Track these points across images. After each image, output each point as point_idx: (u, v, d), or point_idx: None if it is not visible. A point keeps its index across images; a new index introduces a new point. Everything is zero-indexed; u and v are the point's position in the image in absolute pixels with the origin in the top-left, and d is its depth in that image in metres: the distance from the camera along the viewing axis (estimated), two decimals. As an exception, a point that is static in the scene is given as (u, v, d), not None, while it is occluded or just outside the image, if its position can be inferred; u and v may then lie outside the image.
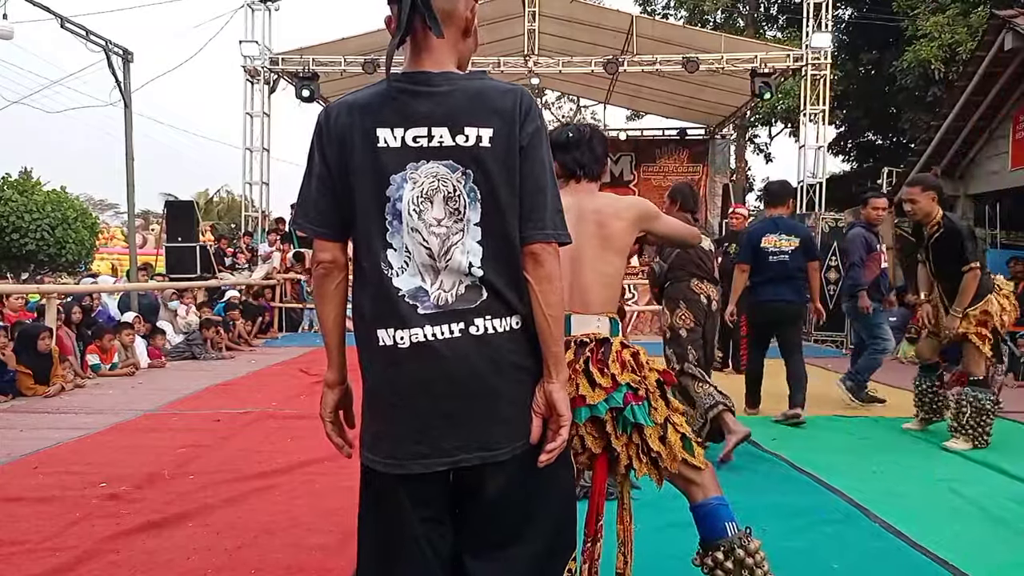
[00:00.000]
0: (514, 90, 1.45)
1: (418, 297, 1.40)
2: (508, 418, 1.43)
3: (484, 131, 1.40)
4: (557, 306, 1.42)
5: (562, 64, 12.79)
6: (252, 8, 13.55)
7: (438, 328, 1.39)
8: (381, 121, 1.41)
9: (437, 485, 1.45)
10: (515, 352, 1.43)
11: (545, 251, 1.41)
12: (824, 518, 3.11)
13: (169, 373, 7.45)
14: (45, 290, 7.79)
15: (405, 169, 1.40)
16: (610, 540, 2.91)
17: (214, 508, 3.21)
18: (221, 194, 34.13)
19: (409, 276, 1.41)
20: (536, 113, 1.44)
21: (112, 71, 9.84)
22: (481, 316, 1.40)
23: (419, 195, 1.39)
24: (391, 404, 1.43)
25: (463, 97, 1.41)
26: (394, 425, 1.43)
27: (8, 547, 2.75)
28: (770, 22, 20.50)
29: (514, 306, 1.43)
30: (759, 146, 22.57)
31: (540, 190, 1.42)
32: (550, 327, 1.42)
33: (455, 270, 1.40)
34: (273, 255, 12.19)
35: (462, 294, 1.41)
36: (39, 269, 21.17)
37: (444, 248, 1.40)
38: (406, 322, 1.40)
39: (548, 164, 1.44)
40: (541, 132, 1.44)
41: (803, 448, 4.29)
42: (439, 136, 1.39)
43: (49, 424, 4.94)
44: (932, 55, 12.30)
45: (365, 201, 1.42)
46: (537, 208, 1.41)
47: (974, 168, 9.76)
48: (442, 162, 1.40)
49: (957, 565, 2.63)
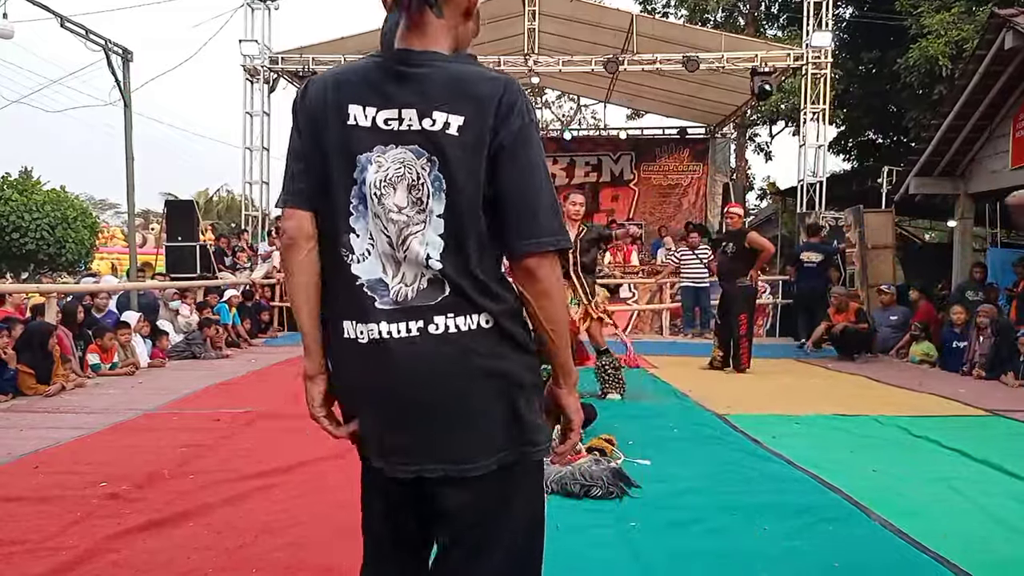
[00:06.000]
0: (499, 80, 1.32)
1: (377, 290, 1.32)
2: (481, 429, 1.32)
3: (454, 118, 1.29)
4: (560, 321, 1.34)
5: (562, 63, 12.78)
6: (252, 7, 13.55)
7: (394, 326, 1.30)
8: (355, 98, 1.34)
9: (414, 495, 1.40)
10: (484, 355, 1.31)
11: (540, 265, 1.29)
12: (824, 518, 3.10)
13: (169, 372, 7.45)
14: (45, 290, 7.80)
15: (372, 151, 1.32)
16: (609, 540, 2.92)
17: (214, 507, 3.21)
18: (221, 193, 34.15)
19: (370, 264, 1.33)
20: (523, 109, 1.30)
21: (112, 70, 9.83)
22: (442, 314, 1.30)
23: (383, 179, 1.31)
24: (355, 400, 1.39)
25: (440, 80, 1.31)
26: (360, 423, 1.40)
27: (8, 547, 2.74)
28: (771, 21, 20.48)
29: (479, 304, 1.31)
30: (759, 145, 22.57)
31: (528, 196, 1.30)
32: (554, 341, 1.34)
33: (414, 262, 1.31)
34: (273, 254, 12.19)
35: (423, 289, 1.31)
36: (39, 269, 21.16)
37: (401, 237, 1.31)
38: (365, 316, 1.32)
39: (538, 165, 1.31)
40: (529, 130, 1.31)
41: (803, 448, 4.29)
42: (408, 119, 1.30)
43: (49, 423, 4.94)
44: (939, 51, 12.27)
45: (333, 179, 1.35)
46: (525, 217, 1.29)
47: (974, 167, 9.75)
48: (408, 147, 1.31)
49: (957, 564, 2.62)
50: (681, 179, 16.77)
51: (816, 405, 5.63)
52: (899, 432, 4.80)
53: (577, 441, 1.44)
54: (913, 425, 4.92)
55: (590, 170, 16.96)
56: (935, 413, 5.50)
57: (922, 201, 11.06)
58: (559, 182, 16.71)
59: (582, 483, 3.37)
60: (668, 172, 16.82)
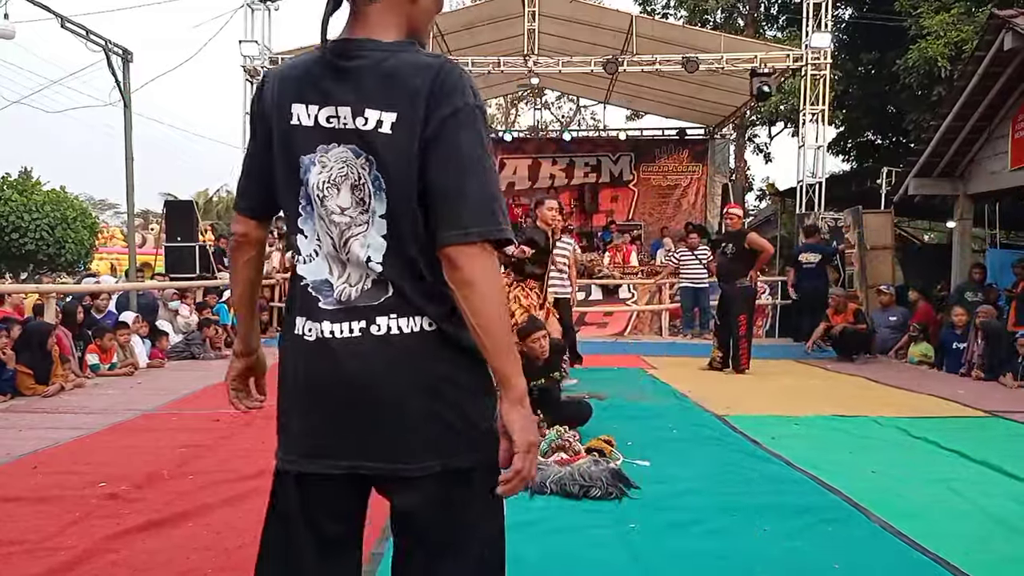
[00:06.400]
0: (431, 66, 1.23)
1: (321, 290, 1.30)
2: (423, 431, 1.27)
3: (387, 115, 1.22)
4: (487, 315, 1.20)
5: (562, 64, 12.78)
6: (252, 8, 13.54)
7: (337, 325, 1.28)
8: (297, 96, 1.28)
9: (346, 498, 1.35)
10: (427, 357, 1.27)
11: (462, 253, 1.20)
12: (824, 518, 3.11)
13: (168, 373, 7.45)
14: (44, 289, 7.80)
15: (315, 151, 1.27)
16: (609, 541, 2.91)
17: (214, 508, 3.21)
18: (221, 194, 34.11)
19: (317, 266, 1.31)
20: (459, 92, 1.22)
21: (112, 71, 9.84)
22: (384, 315, 1.26)
23: (326, 180, 1.27)
24: (295, 396, 1.36)
25: (374, 74, 1.24)
26: (295, 418, 1.36)
27: (7, 547, 2.74)
28: (770, 22, 20.48)
29: (421, 306, 1.27)
30: (759, 146, 22.55)
31: (455, 183, 1.21)
32: (482, 338, 1.22)
33: (356, 263, 1.28)
34: (272, 254, 12.18)
35: (367, 290, 1.28)
36: (38, 269, 21.16)
37: (343, 239, 1.28)
38: (311, 314, 1.31)
39: (469, 152, 1.22)
40: (461, 116, 1.22)
41: (802, 449, 4.29)
42: (344, 117, 1.25)
43: (48, 424, 4.93)
44: (939, 52, 12.27)
45: (281, 182, 1.33)
46: (450, 204, 1.21)
47: (974, 168, 9.76)
48: (349, 146, 1.25)
49: (957, 564, 2.62)
50: (680, 180, 16.78)
51: (815, 406, 5.63)
52: (898, 433, 4.80)
53: (524, 467, 1.21)
54: (912, 426, 4.92)
55: (589, 171, 16.96)
56: (934, 414, 5.51)
57: (921, 202, 11.06)
58: (559, 183, 16.73)
59: (581, 484, 3.37)
60: (667, 173, 16.82)
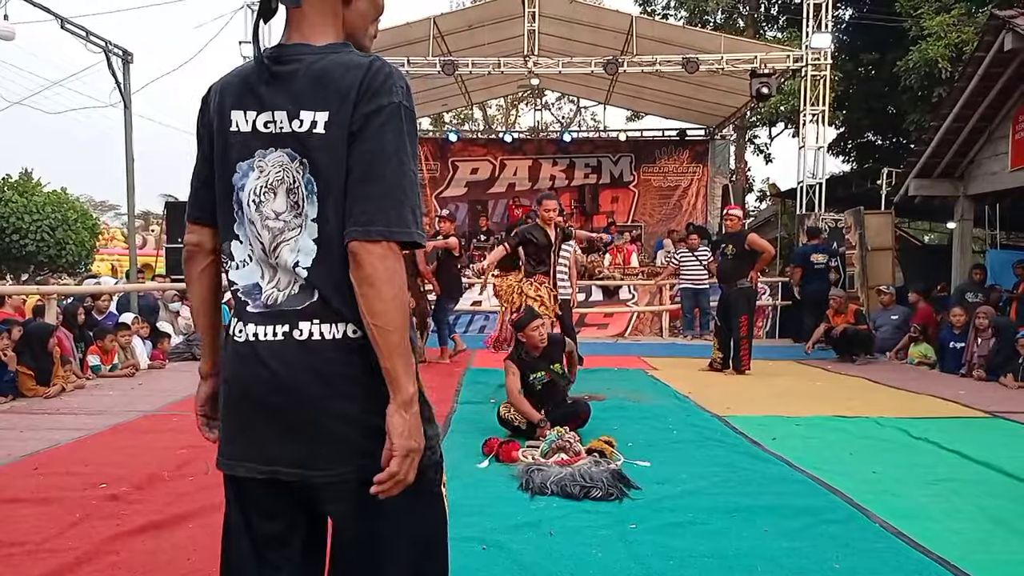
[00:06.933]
0: (361, 65, 1.25)
1: (251, 294, 1.32)
2: (339, 437, 1.27)
3: (320, 115, 1.23)
4: (384, 315, 1.20)
5: (562, 64, 12.78)
6: (252, 9, 13.54)
7: (261, 328, 1.29)
8: (236, 103, 1.30)
9: (281, 498, 1.34)
10: (347, 363, 1.27)
11: (364, 250, 1.20)
12: (824, 518, 3.11)
13: (169, 374, 7.45)
14: (46, 291, 7.80)
15: (253, 156, 1.29)
16: (609, 542, 2.91)
17: (214, 509, 3.20)
18: (221, 195, 34.11)
19: (249, 271, 1.32)
20: (387, 90, 1.23)
21: (112, 72, 9.85)
22: (307, 320, 1.27)
23: (263, 185, 1.28)
24: (227, 398, 1.36)
25: (307, 76, 1.25)
26: (228, 422, 1.36)
27: (8, 548, 2.75)
28: (770, 22, 20.48)
29: (345, 313, 1.26)
30: (759, 146, 22.56)
31: (368, 178, 1.22)
32: (376, 339, 1.21)
33: (285, 268, 1.28)
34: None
35: (294, 294, 1.28)
36: (39, 270, 21.17)
37: (274, 244, 1.28)
38: (241, 317, 1.32)
39: (390, 148, 1.22)
40: (385, 113, 1.22)
41: (803, 448, 4.29)
42: (280, 121, 1.26)
43: (49, 425, 4.94)
44: (939, 53, 12.27)
45: (220, 188, 1.33)
46: (359, 200, 1.21)
47: (974, 168, 9.76)
48: (285, 150, 1.27)
49: (957, 565, 2.62)
50: (680, 180, 16.77)
51: (816, 407, 5.63)
52: (899, 434, 4.80)
53: (401, 471, 1.21)
54: (913, 427, 4.92)
55: (589, 172, 16.96)
56: (935, 415, 5.50)
57: (922, 203, 11.06)
58: (559, 184, 16.72)
59: (582, 484, 3.38)
60: (667, 174, 16.81)
